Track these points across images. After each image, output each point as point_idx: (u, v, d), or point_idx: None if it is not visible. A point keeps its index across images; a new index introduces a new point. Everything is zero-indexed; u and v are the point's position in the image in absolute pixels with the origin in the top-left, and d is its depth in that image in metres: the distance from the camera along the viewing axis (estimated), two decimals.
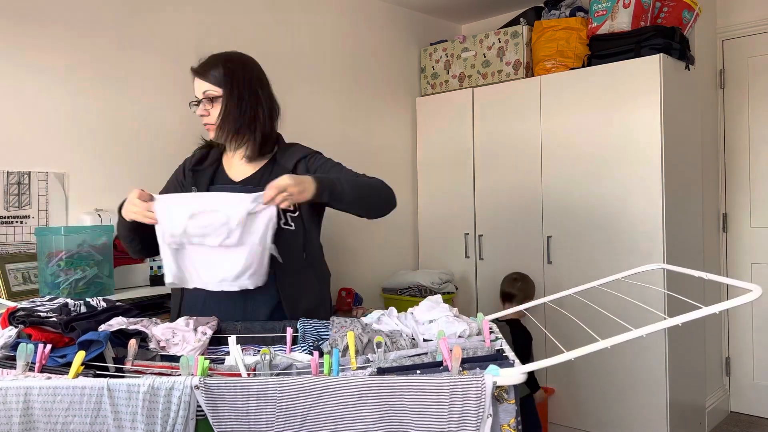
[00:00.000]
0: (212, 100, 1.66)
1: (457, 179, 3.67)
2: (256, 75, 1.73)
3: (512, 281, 3.04)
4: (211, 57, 1.72)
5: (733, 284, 1.22)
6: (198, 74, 1.69)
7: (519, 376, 1.10)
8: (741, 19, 3.48)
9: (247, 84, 1.68)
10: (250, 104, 1.68)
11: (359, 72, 3.55)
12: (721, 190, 3.60)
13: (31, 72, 2.28)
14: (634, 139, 2.95)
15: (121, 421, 1.08)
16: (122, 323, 1.37)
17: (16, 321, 1.32)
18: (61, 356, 1.21)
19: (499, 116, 3.46)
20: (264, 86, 1.74)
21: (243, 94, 1.66)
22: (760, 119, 3.47)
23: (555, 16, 3.35)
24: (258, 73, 1.74)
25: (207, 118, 1.68)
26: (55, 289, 1.99)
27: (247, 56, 1.76)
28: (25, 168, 2.26)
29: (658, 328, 1.10)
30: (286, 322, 1.51)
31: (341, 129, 3.44)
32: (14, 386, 1.09)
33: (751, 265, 3.52)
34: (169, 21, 2.68)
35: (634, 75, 2.94)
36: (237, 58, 1.73)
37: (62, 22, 2.36)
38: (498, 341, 1.38)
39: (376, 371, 1.18)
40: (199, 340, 1.36)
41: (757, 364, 3.51)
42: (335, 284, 3.38)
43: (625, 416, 3.01)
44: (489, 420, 1.07)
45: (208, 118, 1.68)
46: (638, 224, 2.94)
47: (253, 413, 1.08)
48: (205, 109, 1.67)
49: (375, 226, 3.64)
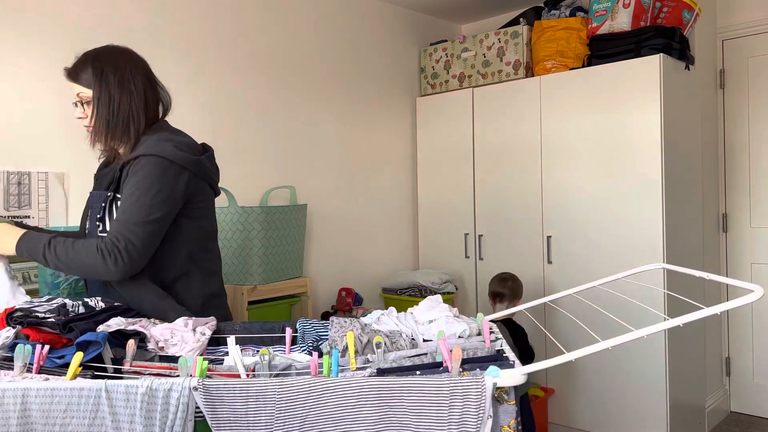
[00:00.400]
0: (87, 103, 1.61)
1: (457, 179, 3.66)
2: (128, 68, 1.61)
3: (502, 281, 3.01)
4: (81, 56, 1.63)
5: (735, 284, 1.21)
6: (68, 76, 1.63)
7: (519, 377, 1.10)
8: (741, 19, 3.48)
9: (118, 81, 1.59)
10: (121, 102, 1.59)
11: (359, 72, 3.54)
12: (721, 190, 3.60)
13: (32, 72, 2.28)
14: (634, 139, 2.95)
15: (119, 423, 1.07)
16: (121, 324, 1.36)
17: (13, 321, 1.31)
18: (59, 357, 1.21)
19: (499, 116, 3.45)
20: (138, 79, 1.63)
21: (113, 93, 1.58)
22: (760, 119, 3.47)
23: (555, 16, 3.35)
24: (131, 65, 1.63)
25: (85, 121, 1.63)
26: (54, 289, 1.98)
27: (119, 48, 1.65)
28: (25, 168, 2.25)
29: (659, 328, 1.10)
30: (285, 322, 1.50)
31: (341, 129, 3.43)
32: (12, 387, 1.09)
33: (751, 265, 3.51)
34: (169, 21, 2.67)
35: (634, 75, 2.94)
36: (106, 53, 1.62)
37: (63, 21, 2.35)
38: (498, 341, 1.37)
39: (376, 372, 1.17)
40: (197, 341, 1.36)
41: (757, 364, 3.51)
42: (336, 284, 3.39)
43: (625, 416, 3.01)
44: (489, 421, 1.07)
45: (86, 121, 1.62)
46: (638, 224, 2.94)
47: (251, 414, 1.07)
48: (83, 112, 1.62)
49: (375, 226, 3.64)
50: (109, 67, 1.59)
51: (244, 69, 2.97)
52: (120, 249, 1.49)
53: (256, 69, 3.01)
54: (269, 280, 2.68)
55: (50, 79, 2.32)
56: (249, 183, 2.97)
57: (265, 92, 3.06)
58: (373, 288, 3.62)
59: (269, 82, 3.07)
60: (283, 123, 3.14)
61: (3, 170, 2.20)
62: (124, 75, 1.60)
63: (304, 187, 3.23)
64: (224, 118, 2.88)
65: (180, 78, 2.71)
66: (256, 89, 3.02)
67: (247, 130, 2.97)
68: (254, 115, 3.01)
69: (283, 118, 3.15)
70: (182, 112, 2.70)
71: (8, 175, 2.20)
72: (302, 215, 2.87)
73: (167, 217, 1.58)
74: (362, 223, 3.57)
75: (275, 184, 3.08)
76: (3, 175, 2.19)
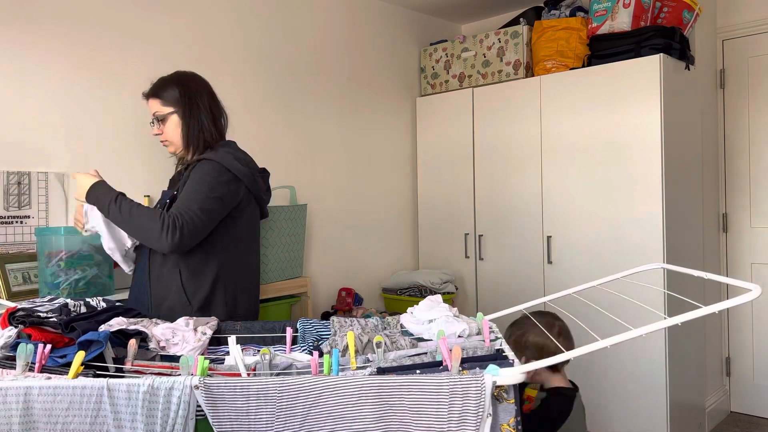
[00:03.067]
0: (161, 120, 1.91)
1: (457, 179, 3.67)
2: (196, 88, 1.92)
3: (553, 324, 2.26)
4: (158, 80, 1.94)
5: (733, 284, 1.22)
6: (148, 96, 1.94)
7: (518, 375, 1.11)
8: (741, 19, 3.48)
9: (188, 99, 1.89)
10: (192, 117, 1.89)
11: (359, 72, 3.55)
12: (721, 190, 3.60)
13: (32, 72, 2.28)
14: (634, 139, 2.95)
15: (120, 421, 1.08)
16: (122, 323, 1.37)
17: (16, 321, 1.32)
18: (61, 356, 1.21)
19: (499, 116, 3.46)
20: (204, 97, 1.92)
21: (185, 109, 1.88)
22: (760, 119, 3.47)
23: (555, 16, 3.35)
24: (198, 86, 1.93)
25: (161, 136, 1.93)
26: (55, 289, 1.99)
27: (188, 73, 1.97)
28: (25, 168, 2.26)
29: (658, 327, 1.10)
30: (286, 321, 1.51)
31: (341, 129, 3.44)
32: (14, 386, 1.09)
33: (751, 265, 3.52)
34: (169, 21, 2.68)
35: (634, 75, 2.94)
36: (178, 77, 1.94)
37: (63, 21, 2.36)
38: (498, 341, 1.38)
39: (376, 371, 1.18)
40: (198, 340, 1.36)
41: (757, 364, 3.51)
42: (336, 284, 3.39)
43: (625, 416, 3.01)
44: (489, 420, 1.07)
45: (162, 136, 1.93)
46: (638, 224, 2.94)
47: (252, 413, 1.08)
48: (159, 129, 1.92)
49: (375, 226, 3.64)
50: (182, 88, 1.89)
51: (244, 69, 2.97)
52: (179, 223, 1.67)
53: (256, 69, 3.02)
54: (269, 280, 2.69)
55: (50, 79, 2.32)
56: None
57: (265, 92, 3.06)
58: (373, 288, 3.62)
59: (269, 83, 3.08)
60: (283, 123, 3.15)
61: (3, 170, 2.20)
62: (192, 94, 1.90)
63: (304, 187, 3.23)
64: None
65: None
66: (256, 89, 3.02)
67: (247, 130, 2.97)
68: (254, 115, 3.01)
69: (283, 117, 3.15)
70: None
71: (8, 175, 2.21)
72: (302, 215, 2.87)
73: (217, 213, 1.76)
74: (362, 223, 3.58)
75: (275, 184, 3.08)
76: (3, 175, 2.20)
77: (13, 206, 2.22)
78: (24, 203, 2.25)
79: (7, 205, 2.21)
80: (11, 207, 2.22)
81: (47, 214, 2.31)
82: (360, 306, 3.25)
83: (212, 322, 1.47)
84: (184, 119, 1.88)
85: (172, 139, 1.91)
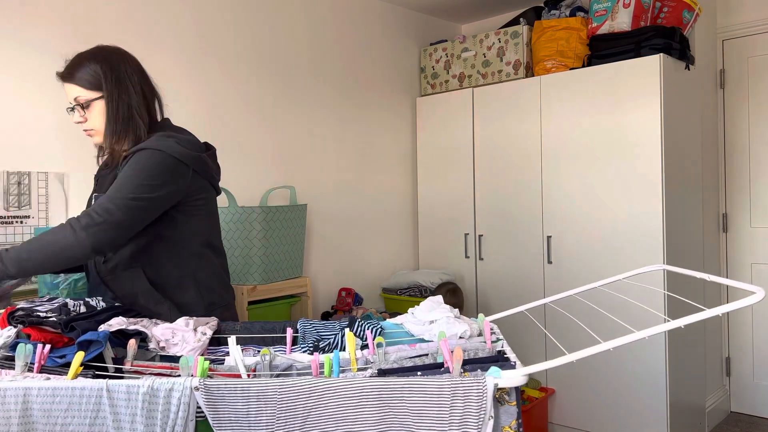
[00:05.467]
0: (85, 106, 1.60)
1: (457, 179, 3.66)
2: (123, 66, 1.61)
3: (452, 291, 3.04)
4: (75, 57, 1.61)
5: (736, 286, 1.21)
6: (63, 78, 1.61)
7: (520, 378, 1.10)
8: (741, 19, 3.48)
9: (115, 79, 1.59)
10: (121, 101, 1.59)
11: (359, 72, 3.54)
12: (721, 190, 3.60)
13: (31, 72, 2.27)
14: (634, 139, 2.95)
15: (120, 423, 1.07)
16: (122, 323, 1.36)
17: (15, 321, 1.31)
18: (61, 356, 1.21)
19: (499, 116, 3.45)
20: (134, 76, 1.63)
21: (112, 92, 1.58)
22: (760, 119, 3.47)
23: (555, 16, 3.35)
24: (125, 63, 1.62)
25: (85, 124, 1.63)
26: (54, 289, 1.98)
27: (110, 47, 1.65)
28: (25, 168, 2.25)
29: (661, 330, 1.10)
30: (286, 322, 1.51)
31: (341, 129, 3.43)
32: (13, 387, 1.09)
33: (751, 266, 3.52)
34: (169, 21, 2.67)
35: (634, 75, 2.94)
36: (99, 53, 1.61)
37: (63, 21, 2.35)
38: (499, 342, 1.37)
39: (377, 372, 1.17)
40: (198, 341, 1.36)
41: (757, 364, 3.51)
42: (336, 284, 3.39)
43: (625, 416, 3.01)
44: (490, 422, 1.07)
45: (86, 124, 1.63)
46: (638, 224, 2.94)
47: (253, 414, 1.07)
48: (82, 116, 1.62)
49: (375, 226, 3.64)
50: (106, 67, 1.58)
51: (244, 69, 2.96)
52: (94, 220, 1.42)
53: (255, 69, 3.01)
54: (269, 280, 2.68)
55: (50, 80, 2.32)
56: (249, 183, 2.97)
57: (265, 92, 3.06)
58: (373, 288, 3.62)
59: (269, 82, 3.07)
60: (283, 123, 3.14)
61: (3, 170, 2.19)
62: (120, 73, 1.59)
63: (304, 187, 3.23)
64: (224, 118, 2.88)
65: (179, 78, 2.71)
66: (256, 89, 3.02)
67: (247, 130, 2.97)
68: (254, 115, 3.00)
69: (283, 117, 3.15)
70: (182, 112, 2.70)
71: (8, 175, 2.20)
72: (302, 215, 2.87)
73: (157, 202, 1.52)
74: (362, 223, 3.57)
75: (275, 184, 3.08)
76: (3, 175, 2.19)
77: (13, 206, 2.22)
78: (24, 203, 2.24)
79: (7, 205, 2.20)
80: (11, 207, 2.21)
81: (47, 214, 2.30)
82: (360, 306, 3.25)
83: (212, 323, 1.46)
84: (112, 104, 1.57)
85: (99, 127, 1.61)
